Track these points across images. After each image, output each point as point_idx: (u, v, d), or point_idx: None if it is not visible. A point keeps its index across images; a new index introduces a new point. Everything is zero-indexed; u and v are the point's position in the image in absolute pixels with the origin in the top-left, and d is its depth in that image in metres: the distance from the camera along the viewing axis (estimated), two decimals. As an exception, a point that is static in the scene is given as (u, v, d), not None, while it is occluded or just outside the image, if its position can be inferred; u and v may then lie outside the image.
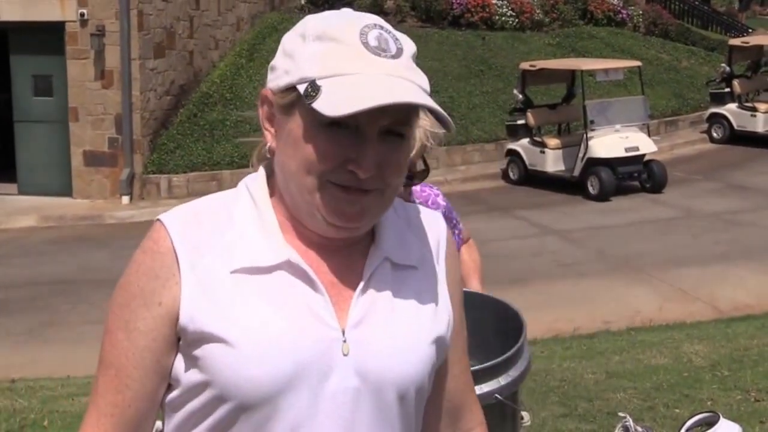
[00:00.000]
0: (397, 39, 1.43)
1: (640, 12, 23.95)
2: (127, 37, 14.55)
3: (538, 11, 21.84)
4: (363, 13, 1.47)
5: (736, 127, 17.96)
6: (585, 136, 14.28)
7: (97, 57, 14.75)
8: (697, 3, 29.99)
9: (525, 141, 15.23)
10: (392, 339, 1.46)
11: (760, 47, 18.80)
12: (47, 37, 14.87)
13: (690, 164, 16.78)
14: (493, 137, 16.84)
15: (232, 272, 1.42)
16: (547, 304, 9.28)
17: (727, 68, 18.18)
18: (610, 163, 14.14)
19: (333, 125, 1.36)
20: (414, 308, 1.50)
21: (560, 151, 14.87)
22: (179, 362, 1.45)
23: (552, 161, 14.88)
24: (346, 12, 1.47)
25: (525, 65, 15.63)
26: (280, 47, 1.47)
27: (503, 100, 17.48)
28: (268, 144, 1.48)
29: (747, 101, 18.23)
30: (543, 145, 14.98)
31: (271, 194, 1.50)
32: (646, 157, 14.59)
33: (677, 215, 13.22)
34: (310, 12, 22.01)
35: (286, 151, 1.43)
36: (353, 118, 1.33)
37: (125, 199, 14.69)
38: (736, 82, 18.09)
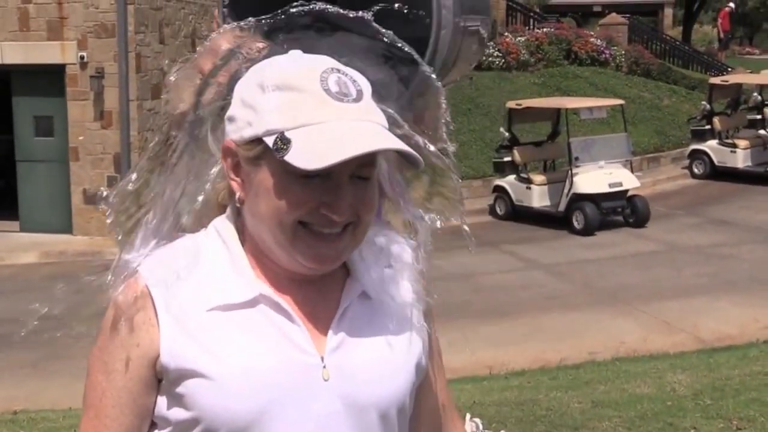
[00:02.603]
0: (355, 81, 1.42)
1: (623, 52, 24.16)
2: (125, 78, 14.64)
3: (523, 52, 22.03)
4: (316, 56, 1.45)
5: (716, 163, 18.08)
6: (570, 172, 14.38)
7: (96, 98, 14.83)
8: (677, 43, 30.29)
9: (512, 177, 15.32)
10: (371, 364, 1.47)
11: (739, 86, 18.97)
12: (48, 79, 14.96)
13: (672, 199, 16.88)
14: (481, 174, 16.94)
15: (207, 311, 1.43)
16: (534, 335, 9.33)
17: (708, 106, 18.32)
18: (594, 198, 14.23)
19: (305, 175, 1.36)
20: (391, 335, 1.51)
21: (546, 187, 14.95)
22: (162, 402, 1.45)
23: (538, 197, 14.96)
24: (299, 56, 1.46)
25: (511, 104, 15.77)
26: (235, 97, 1.45)
27: (490, 137, 17.59)
28: (237, 194, 1.46)
29: (727, 138, 18.37)
30: (529, 181, 15.07)
31: (240, 233, 1.49)
32: (630, 193, 14.67)
33: (660, 249, 13.29)
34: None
35: (257, 201, 1.42)
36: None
37: (124, 236, 14.68)
38: (716, 120, 18.22)
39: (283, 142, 1.35)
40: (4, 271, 13.18)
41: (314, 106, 1.37)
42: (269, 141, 1.36)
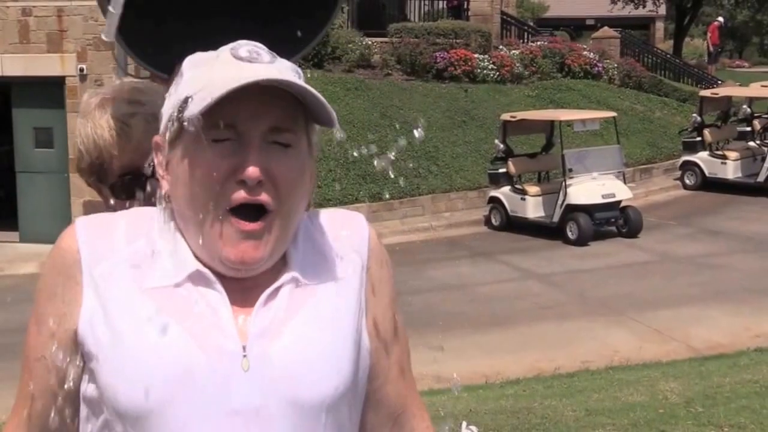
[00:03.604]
0: (271, 52, 1.37)
1: (615, 65, 24.23)
2: (125, 91, 14.64)
3: (518, 65, 22.07)
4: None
5: (707, 174, 18.12)
6: (564, 183, 14.41)
7: (96, 110, 14.83)
8: (668, 56, 30.38)
9: (506, 188, 15.34)
10: (302, 352, 1.34)
11: (729, 98, 19.05)
12: (48, 91, 14.97)
13: (664, 210, 16.91)
14: (476, 185, 16.95)
15: (129, 287, 1.35)
16: (529, 344, 9.34)
17: (699, 118, 18.37)
18: (587, 209, 14.26)
19: (216, 142, 1.30)
20: (327, 320, 1.39)
21: (540, 198, 14.98)
22: (84, 377, 1.38)
23: (532, 208, 14.98)
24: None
25: (506, 116, 15.79)
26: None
27: (485, 149, 17.62)
28: (164, 191, 1.39)
29: (717, 149, 18.42)
30: (524, 192, 15.10)
31: None
32: (622, 204, 14.70)
33: (653, 259, 13.31)
34: (301, 67, 22.25)
35: (178, 185, 1.35)
36: (232, 127, 1.29)
37: (123, 246, 14.69)
38: (707, 132, 18.28)
39: (185, 103, 1.30)
40: (4, 282, 13.16)
41: (220, 69, 1.32)
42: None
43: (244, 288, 1.37)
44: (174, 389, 1.29)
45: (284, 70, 1.34)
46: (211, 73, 1.31)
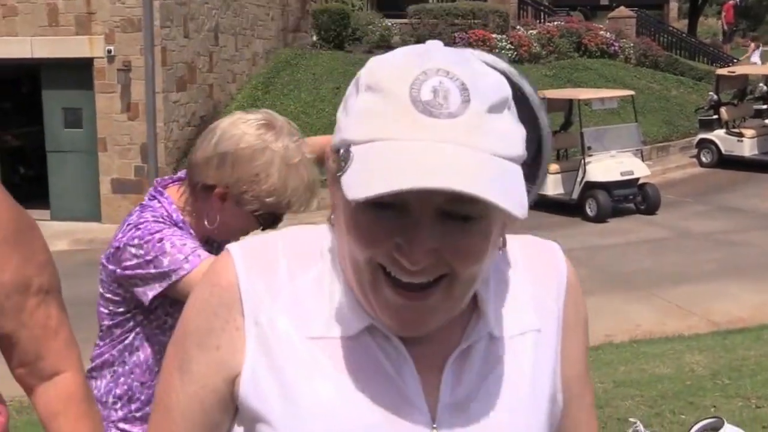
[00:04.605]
0: (466, 88, 1.01)
1: (631, 44, 24.11)
2: (151, 71, 14.72)
3: (535, 44, 22.00)
4: (436, 51, 1.06)
5: (723, 152, 18.06)
6: (583, 161, 14.41)
7: (123, 91, 14.92)
8: (684, 35, 30.19)
9: (526, 166, 15.33)
10: (497, 426, 1.12)
11: (745, 76, 18.95)
12: (77, 72, 15.03)
13: (681, 187, 16.88)
14: (496, 163, 16.92)
15: (303, 338, 1.12)
16: (552, 319, 9.38)
17: (715, 96, 18.30)
18: (606, 186, 14.26)
19: (376, 204, 1.00)
20: (525, 385, 1.16)
21: (559, 175, 14.98)
22: None
23: (552, 185, 14.97)
24: (413, 50, 1.08)
25: (525, 95, 15.75)
26: None
27: (504, 128, 17.55)
28: (331, 212, 1.15)
29: (734, 127, 18.34)
30: (543, 170, 15.08)
31: None
32: (641, 181, 14.69)
33: (671, 235, 13.31)
34: (322, 48, 21.91)
35: (338, 224, 1.11)
36: (397, 195, 0.96)
37: (151, 224, 14.78)
38: (723, 110, 18.20)
39: (345, 158, 1.02)
40: (36, 258, 13.26)
41: (392, 118, 1.00)
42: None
43: (426, 339, 1.12)
44: None
45: (474, 131, 1.00)
46: (380, 122, 1.01)
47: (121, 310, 2.30)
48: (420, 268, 1.02)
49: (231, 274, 1.13)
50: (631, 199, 14.67)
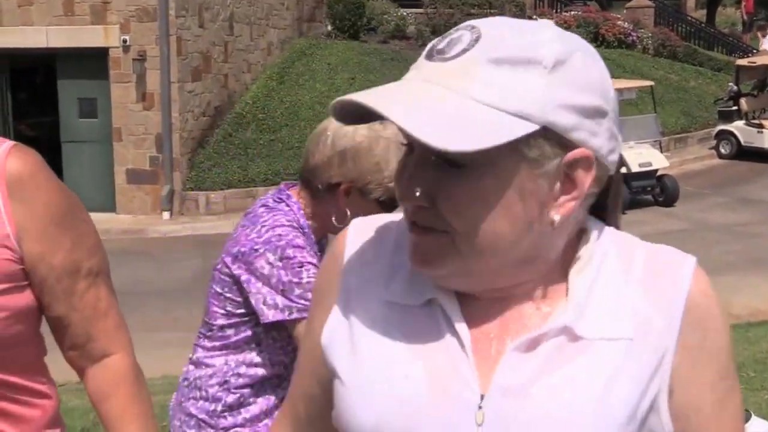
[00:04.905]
0: (476, 40, 1.04)
1: (649, 34, 23.91)
2: (166, 61, 14.65)
3: (552, 34, 21.85)
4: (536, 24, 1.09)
5: (743, 143, 17.87)
6: (600, 152, 14.26)
7: (138, 81, 14.85)
8: (702, 25, 29.92)
9: (544, 158, 15.22)
10: (554, 421, 1.06)
11: (766, 67, 18.71)
12: (92, 62, 14.97)
13: (700, 179, 16.71)
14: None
15: (384, 301, 1.18)
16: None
17: (735, 87, 18.12)
18: (624, 177, 14.10)
19: (407, 151, 1.10)
20: (595, 389, 1.07)
21: (577, 167, 14.84)
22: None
23: (569, 176, 14.85)
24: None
25: (542, 86, 15.62)
26: None
27: (521, 118, 17.45)
28: None
29: (754, 118, 18.15)
30: (561, 161, 14.96)
31: None
32: (659, 172, 14.54)
33: (689, 227, 13.17)
34: (337, 38, 21.89)
35: None
36: (409, 138, 1.05)
37: (166, 215, 14.76)
38: (743, 101, 18.02)
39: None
40: (51, 248, 13.25)
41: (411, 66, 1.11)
42: None
43: (492, 301, 1.13)
44: (399, 424, 1.11)
45: (458, 74, 1.03)
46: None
47: (240, 311, 2.24)
48: (410, 204, 1.09)
49: (342, 244, 1.25)
50: (649, 191, 14.52)
